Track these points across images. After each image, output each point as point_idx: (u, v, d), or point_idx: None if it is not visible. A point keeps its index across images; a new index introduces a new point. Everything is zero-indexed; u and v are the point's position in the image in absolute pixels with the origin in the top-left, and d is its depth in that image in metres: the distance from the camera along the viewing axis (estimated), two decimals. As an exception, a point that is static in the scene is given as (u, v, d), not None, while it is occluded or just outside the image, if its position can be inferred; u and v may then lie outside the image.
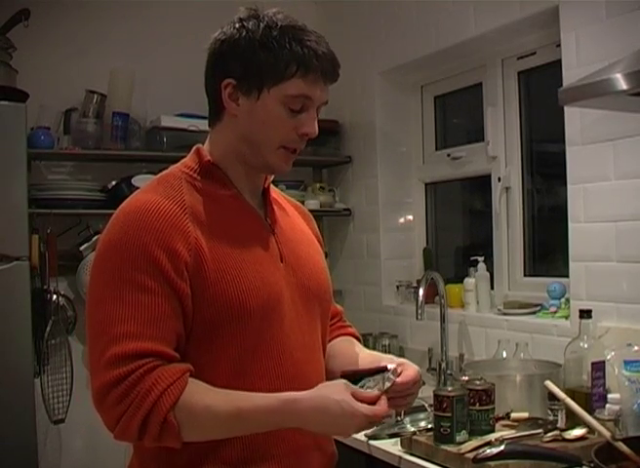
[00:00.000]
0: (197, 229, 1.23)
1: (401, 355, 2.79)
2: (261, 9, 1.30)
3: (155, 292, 1.18)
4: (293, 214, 1.49)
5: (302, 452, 1.31)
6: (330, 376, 1.39)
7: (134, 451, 1.34)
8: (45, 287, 2.82)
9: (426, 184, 3.26)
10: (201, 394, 1.18)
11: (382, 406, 1.19)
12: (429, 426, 1.86)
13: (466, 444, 1.71)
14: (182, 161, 1.36)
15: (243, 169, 1.34)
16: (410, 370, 1.30)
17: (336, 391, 1.19)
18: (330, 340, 1.50)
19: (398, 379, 1.25)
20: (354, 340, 1.55)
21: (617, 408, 1.81)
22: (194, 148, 1.37)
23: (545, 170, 2.76)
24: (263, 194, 1.40)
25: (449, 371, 2.65)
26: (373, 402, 1.19)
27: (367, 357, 1.44)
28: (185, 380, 1.18)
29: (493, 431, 1.79)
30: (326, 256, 1.53)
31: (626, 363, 1.77)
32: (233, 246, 1.26)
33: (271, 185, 1.43)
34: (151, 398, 1.14)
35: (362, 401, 1.18)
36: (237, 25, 1.28)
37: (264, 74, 1.25)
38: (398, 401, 1.28)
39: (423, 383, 2.44)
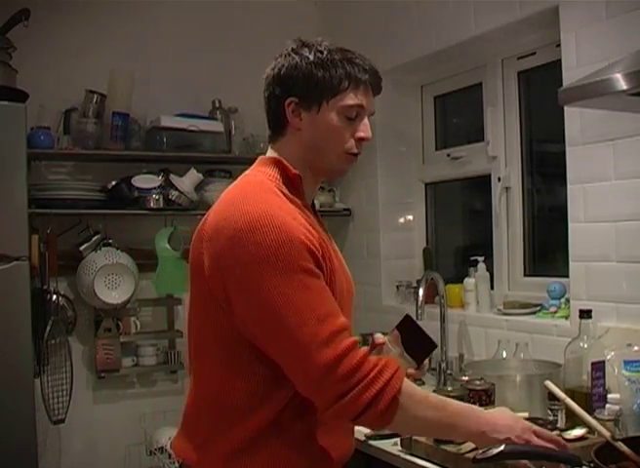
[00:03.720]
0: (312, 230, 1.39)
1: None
2: (306, 39, 1.48)
3: (320, 277, 1.34)
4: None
5: (344, 435, 1.51)
6: None
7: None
8: (45, 287, 2.82)
9: (426, 184, 3.26)
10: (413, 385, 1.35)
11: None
12: (429, 426, 1.86)
13: (466, 444, 1.70)
14: (262, 171, 1.46)
15: (310, 176, 1.50)
16: None
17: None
18: None
19: None
20: None
21: (617, 408, 1.81)
22: (273, 160, 1.47)
23: (545, 170, 2.75)
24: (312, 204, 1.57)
25: (449, 371, 2.65)
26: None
27: None
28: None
29: (493, 431, 1.79)
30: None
31: (626, 363, 1.77)
32: (325, 248, 1.41)
33: None
34: (386, 375, 1.28)
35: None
36: (292, 54, 1.45)
37: (323, 90, 1.43)
38: None
39: (423, 383, 2.47)
